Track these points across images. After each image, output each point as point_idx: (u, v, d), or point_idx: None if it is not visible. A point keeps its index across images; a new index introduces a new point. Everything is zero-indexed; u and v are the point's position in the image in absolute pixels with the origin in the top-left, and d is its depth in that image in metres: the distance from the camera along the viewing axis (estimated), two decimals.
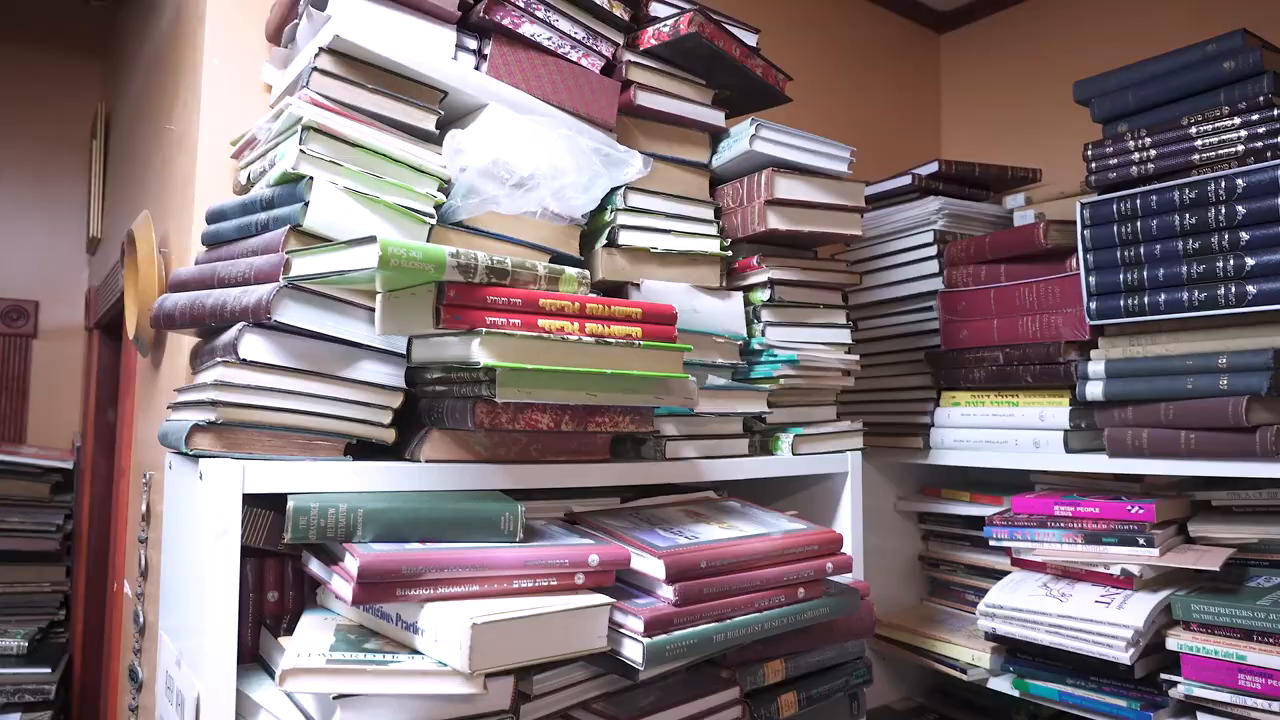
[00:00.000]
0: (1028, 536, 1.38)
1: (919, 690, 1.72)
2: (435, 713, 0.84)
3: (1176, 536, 1.31)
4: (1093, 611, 1.25)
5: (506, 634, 0.81)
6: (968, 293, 1.49)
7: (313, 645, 0.83)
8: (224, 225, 1.06)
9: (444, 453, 0.98)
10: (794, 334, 1.29)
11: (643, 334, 0.97)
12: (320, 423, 0.95)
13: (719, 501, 1.20)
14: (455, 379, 0.96)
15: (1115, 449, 1.29)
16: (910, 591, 1.71)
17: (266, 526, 0.95)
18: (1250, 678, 1.13)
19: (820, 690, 1.17)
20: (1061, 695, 1.32)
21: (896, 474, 1.70)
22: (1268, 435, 1.13)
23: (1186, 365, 1.21)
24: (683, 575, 0.94)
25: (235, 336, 0.91)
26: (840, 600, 1.08)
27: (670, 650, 0.91)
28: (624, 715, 0.96)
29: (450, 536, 0.89)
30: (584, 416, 1.00)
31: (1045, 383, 1.39)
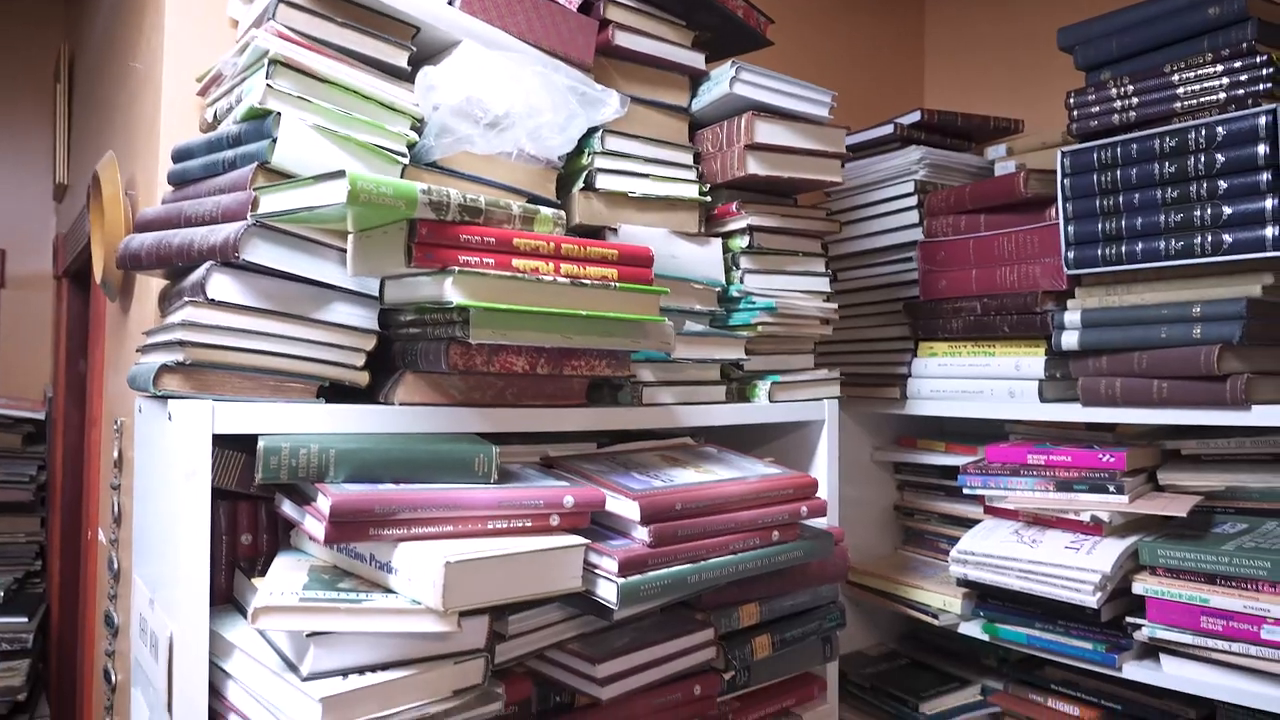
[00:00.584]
0: (1001, 485, 1.40)
1: (892, 636, 1.76)
2: (410, 651, 0.84)
3: (1146, 484, 1.33)
4: (1062, 557, 1.27)
5: (480, 573, 0.82)
6: (947, 243, 1.49)
7: (286, 584, 0.83)
8: (190, 164, 1.03)
9: (418, 396, 0.97)
10: (772, 281, 1.29)
11: (619, 276, 0.96)
12: (291, 364, 0.93)
13: (696, 447, 1.20)
14: (429, 320, 0.95)
15: (1089, 398, 1.30)
16: (885, 541, 1.73)
17: (238, 469, 0.94)
18: (1212, 620, 1.16)
19: (794, 633, 1.19)
20: (1030, 639, 1.34)
21: (873, 425, 1.71)
22: (1238, 384, 1.15)
23: (1161, 314, 1.22)
24: (657, 517, 0.94)
25: (203, 276, 0.89)
26: (814, 544, 1.09)
27: (644, 591, 0.91)
28: (599, 656, 0.96)
29: (424, 478, 0.88)
30: (559, 360, 0.99)
31: (1022, 333, 1.39)
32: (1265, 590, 1.12)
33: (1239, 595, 1.14)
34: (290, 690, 0.79)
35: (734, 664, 1.11)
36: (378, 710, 0.80)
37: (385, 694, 0.81)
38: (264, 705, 0.82)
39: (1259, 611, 1.12)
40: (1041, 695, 1.45)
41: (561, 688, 1.00)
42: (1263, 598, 1.12)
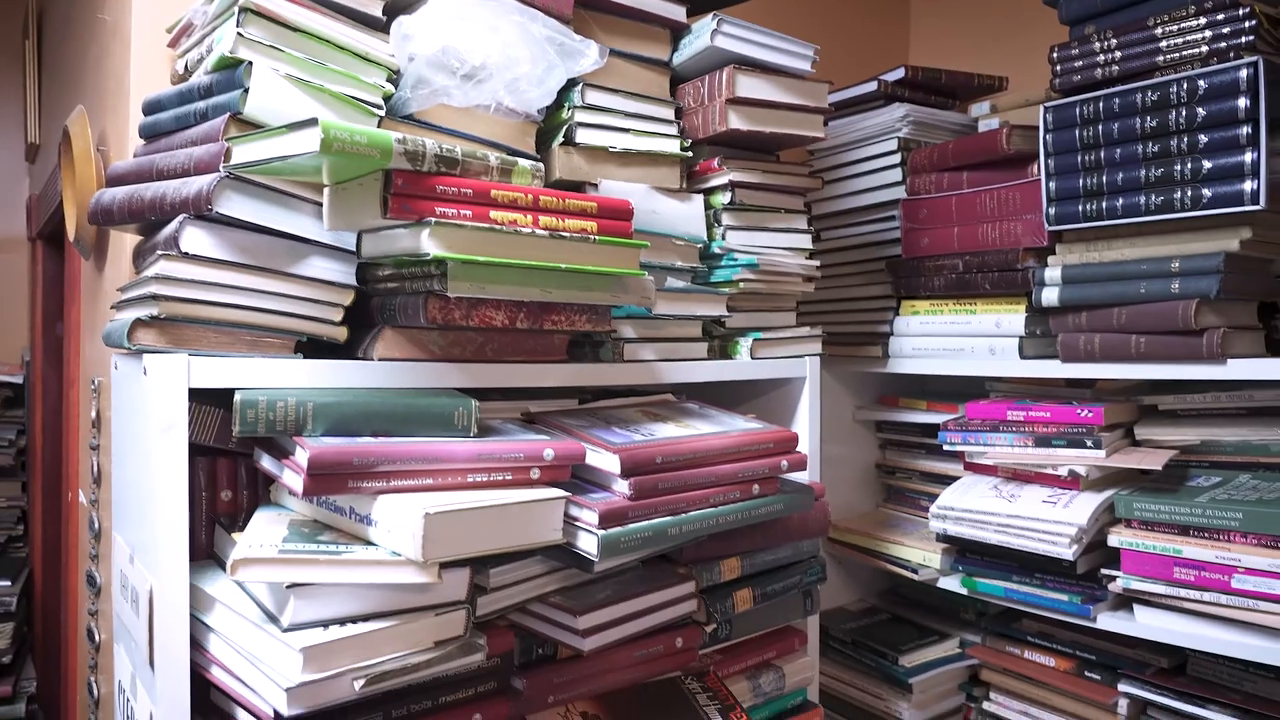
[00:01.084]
0: (980, 441, 1.41)
1: (872, 592, 1.78)
2: (391, 603, 0.84)
3: (1123, 439, 1.35)
4: (1040, 511, 1.29)
5: (459, 524, 0.82)
6: (929, 200, 1.48)
7: (265, 537, 0.83)
8: (161, 116, 1.01)
9: (397, 351, 0.96)
10: (754, 238, 1.28)
11: (598, 229, 0.96)
12: (268, 319, 0.92)
13: (677, 403, 1.20)
14: (407, 275, 0.94)
15: (1068, 354, 1.31)
16: (867, 499, 1.75)
17: (216, 424, 0.93)
18: (1184, 570, 1.18)
19: (775, 587, 1.20)
20: (1007, 592, 1.37)
21: (855, 384, 1.72)
22: (1214, 338, 1.15)
23: (1140, 270, 1.22)
24: (638, 470, 0.94)
25: (176, 229, 0.88)
26: (794, 497, 1.10)
27: (625, 542, 0.92)
28: (580, 608, 0.97)
29: (403, 431, 0.88)
30: (539, 314, 0.99)
31: (1003, 290, 1.40)
32: (1236, 540, 1.14)
33: (1211, 546, 1.16)
34: (271, 641, 0.80)
35: (715, 617, 1.12)
36: (359, 660, 0.81)
37: (366, 644, 0.81)
38: (245, 657, 0.82)
39: (1230, 561, 1.14)
40: (1018, 647, 1.48)
41: (544, 640, 1.01)
42: (1234, 548, 1.14)
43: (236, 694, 0.84)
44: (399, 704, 0.90)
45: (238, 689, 0.84)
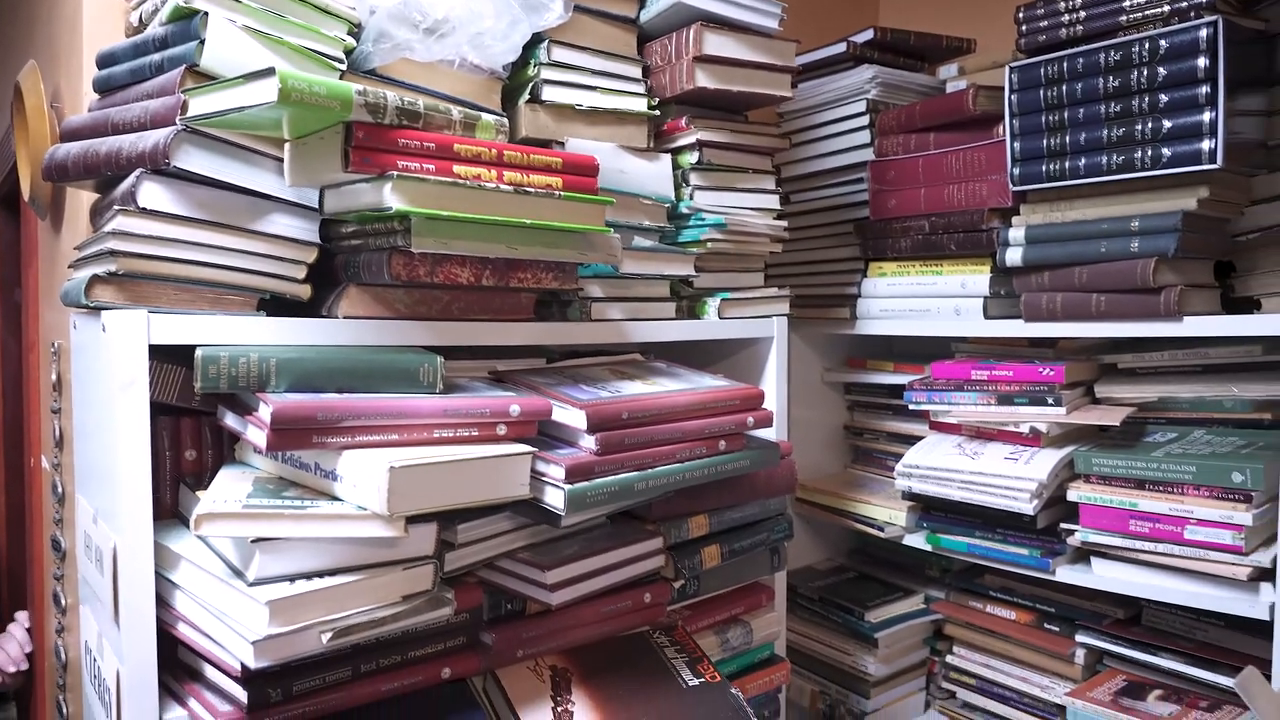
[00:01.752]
0: (945, 400, 1.43)
1: (840, 552, 1.81)
2: (357, 557, 0.84)
3: (1084, 397, 1.37)
4: (1002, 467, 1.31)
5: (425, 478, 0.82)
6: (897, 162, 1.49)
7: (229, 493, 0.82)
8: (116, 69, 0.99)
9: (362, 309, 0.96)
10: (722, 198, 1.28)
11: (563, 185, 0.95)
12: (230, 276, 0.92)
13: (645, 363, 1.21)
14: (370, 231, 0.93)
15: (1031, 313, 1.32)
16: (835, 460, 1.77)
17: (178, 382, 0.92)
18: (1140, 523, 1.21)
19: (742, 544, 1.21)
20: (970, 547, 1.39)
21: (824, 346, 1.73)
22: (1171, 296, 1.18)
23: (1101, 229, 1.24)
24: (604, 425, 0.95)
25: (133, 184, 0.86)
26: (760, 453, 1.11)
27: (591, 497, 0.93)
28: (548, 563, 0.98)
29: (368, 387, 0.88)
30: (505, 271, 0.98)
31: (968, 251, 1.41)
32: (1190, 493, 1.17)
33: (1165, 499, 1.19)
34: (237, 596, 0.80)
35: (684, 573, 1.14)
36: (326, 614, 0.81)
37: (333, 598, 0.82)
38: (211, 612, 0.82)
39: (1183, 513, 1.17)
40: (980, 602, 1.51)
41: (512, 595, 1.01)
42: (1187, 500, 1.17)
43: (204, 650, 0.85)
44: (368, 658, 0.90)
45: (205, 645, 0.84)
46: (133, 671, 0.83)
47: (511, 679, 1.01)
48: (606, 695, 1.01)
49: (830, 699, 1.57)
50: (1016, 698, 1.45)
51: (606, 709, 0.99)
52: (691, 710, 1.01)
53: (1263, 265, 1.23)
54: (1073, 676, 1.38)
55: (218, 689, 0.86)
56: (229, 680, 0.84)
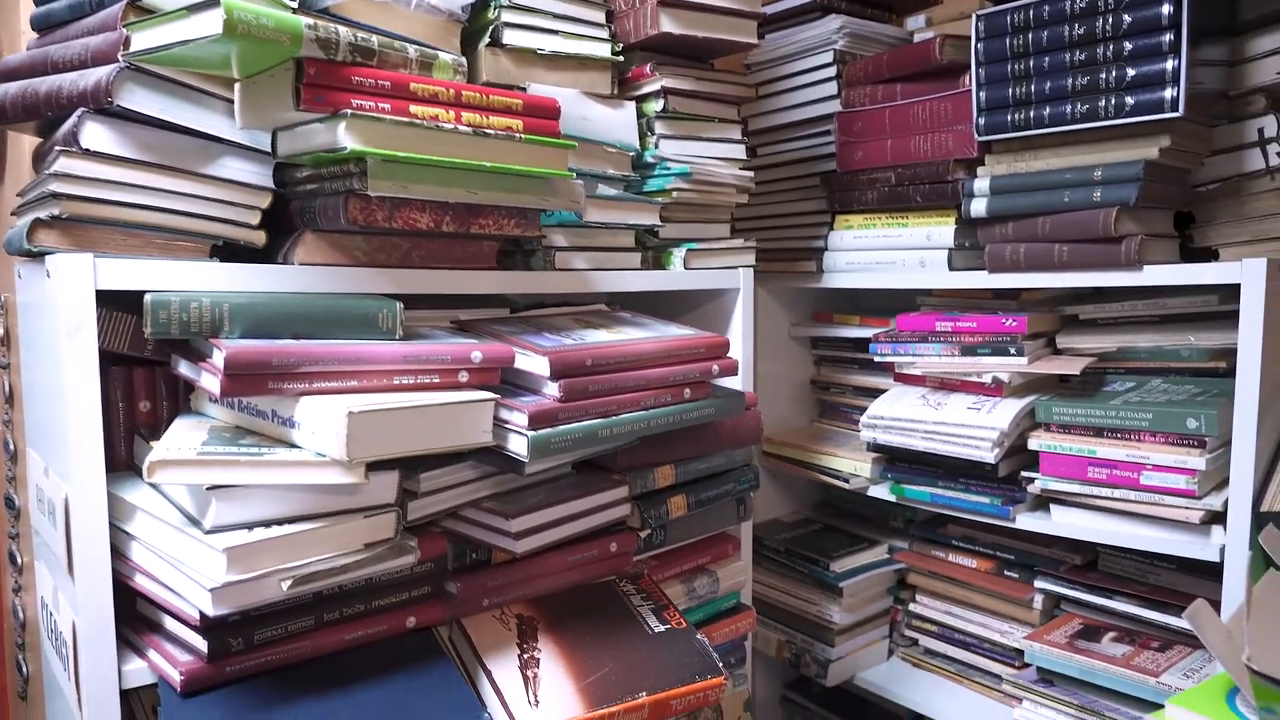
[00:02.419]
0: (909, 351, 1.44)
1: (807, 505, 1.83)
2: (317, 505, 0.83)
3: (1046, 348, 1.39)
4: (964, 417, 1.33)
5: (385, 424, 0.81)
6: (864, 113, 1.48)
7: (184, 441, 0.81)
8: (55, 5, 0.95)
9: (319, 256, 0.94)
10: (688, 148, 1.27)
11: (524, 128, 0.93)
12: (180, 221, 0.89)
13: (610, 313, 1.20)
14: (326, 174, 0.91)
15: (994, 265, 1.33)
16: (802, 415, 1.78)
17: (129, 330, 0.90)
18: (1098, 469, 1.23)
19: (708, 494, 1.22)
20: (933, 497, 1.41)
21: (790, 301, 1.73)
22: (1132, 245, 1.19)
23: (1064, 179, 1.24)
24: (567, 372, 0.94)
25: (75, 124, 0.83)
26: (726, 402, 1.11)
27: (555, 443, 0.92)
28: (513, 511, 0.98)
29: (325, 334, 0.86)
30: (466, 217, 0.97)
31: (934, 202, 1.41)
32: (1146, 440, 1.19)
33: (1123, 446, 1.21)
34: (194, 544, 0.79)
35: (650, 522, 1.14)
36: (286, 561, 0.80)
37: (293, 546, 0.81)
38: (168, 561, 0.81)
39: (1140, 459, 1.19)
40: (943, 551, 1.54)
41: (477, 544, 1.01)
42: (1144, 447, 1.19)
43: (162, 600, 0.83)
44: (331, 607, 0.90)
45: (163, 595, 0.83)
46: (88, 623, 0.81)
47: (477, 628, 1.01)
48: (573, 642, 1.01)
49: (796, 648, 1.60)
50: (976, 643, 1.48)
51: (573, 655, 0.99)
52: (658, 655, 1.01)
53: (1221, 216, 1.25)
54: (1031, 621, 1.41)
55: (178, 640, 0.86)
56: (189, 630, 0.83)
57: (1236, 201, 1.23)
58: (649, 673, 0.98)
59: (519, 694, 0.93)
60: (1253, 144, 1.22)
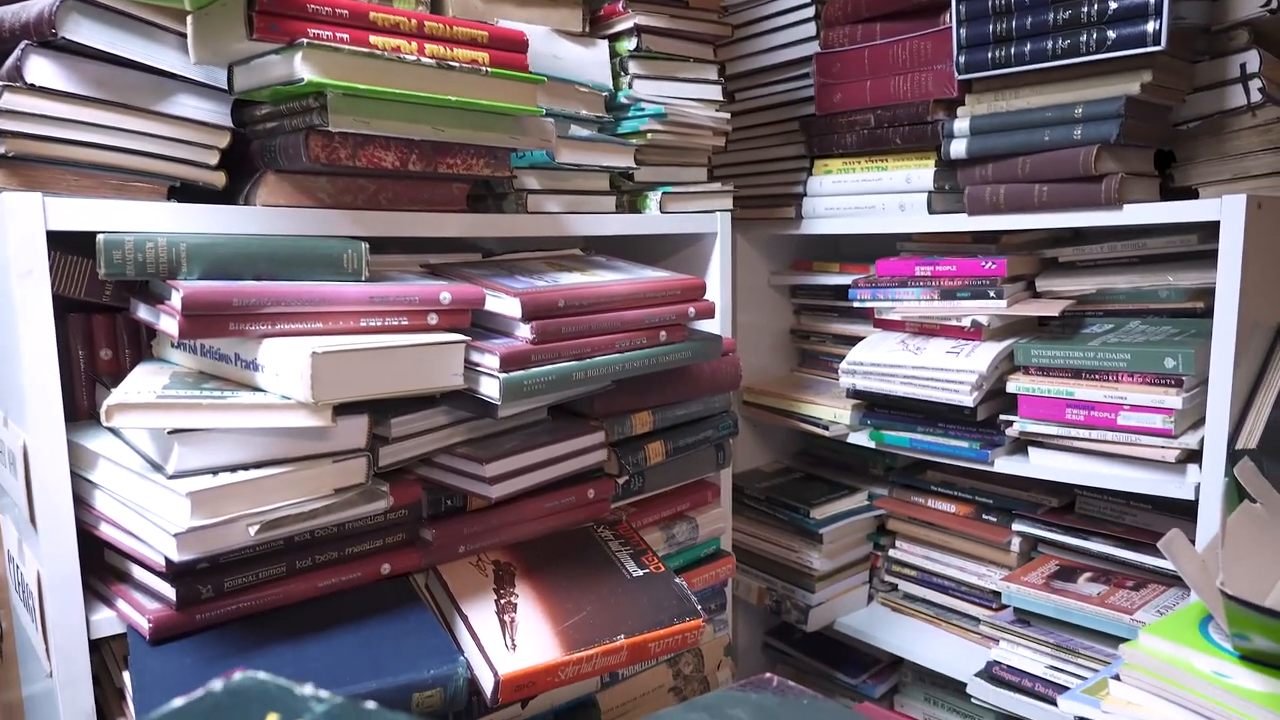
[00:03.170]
0: (889, 296, 1.43)
1: (787, 454, 1.83)
2: (285, 450, 0.82)
3: (1025, 291, 1.38)
4: (943, 361, 1.32)
5: (351, 366, 0.79)
6: (842, 53, 1.45)
7: (144, 385, 0.79)
8: None
9: (282, 198, 0.91)
10: (662, 88, 1.24)
11: (490, 61, 0.90)
12: (134, 161, 0.86)
13: (584, 257, 1.18)
14: (286, 111, 0.88)
15: (974, 207, 1.32)
16: (782, 364, 1.77)
17: (85, 276, 0.88)
18: (1076, 411, 1.23)
19: (687, 440, 1.21)
20: (912, 442, 1.41)
21: (770, 249, 1.71)
22: (1112, 184, 1.17)
23: (1045, 117, 1.22)
24: (539, 314, 0.93)
25: (18, 58, 0.80)
26: (702, 345, 1.10)
27: (528, 386, 0.91)
28: (487, 456, 0.96)
29: (288, 275, 0.84)
30: (433, 156, 0.94)
31: (913, 144, 1.39)
32: (1124, 380, 1.19)
33: (1101, 386, 1.20)
34: (158, 490, 0.77)
35: (627, 469, 1.13)
36: (253, 506, 0.79)
37: (260, 490, 0.79)
38: (133, 509, 0.79)
39: (1117, 400, 1.19)
40: (922, 496, 1.54)
41: (451, 490, 1.00)
42: (1121, 387, 1.19)
43: (128, 548, 0.82)
44: (303, 555, 0.89)
45: (129, 543, 0.81)
46: (53, 572, 0.80)
47: (454, 574, 1.00)
48: (550, 587, 1.01)
49: (777, 595, 1.60)
50: (955, 586, 1.50)
51: (550, 600, 0.99)
52: (636, 599, 1.01)
53: (1202, 154, 1.23)
54: (1008, 564, 1.42)
55: (147, 589, 0.84)
56: (157, 579, 0.82)
57: (1217, 139, 1.22)
58: (627, 616, 0.98)
59: (496, 638, 0.92)
60: (1234, 80, 1.20)
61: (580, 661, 0.92)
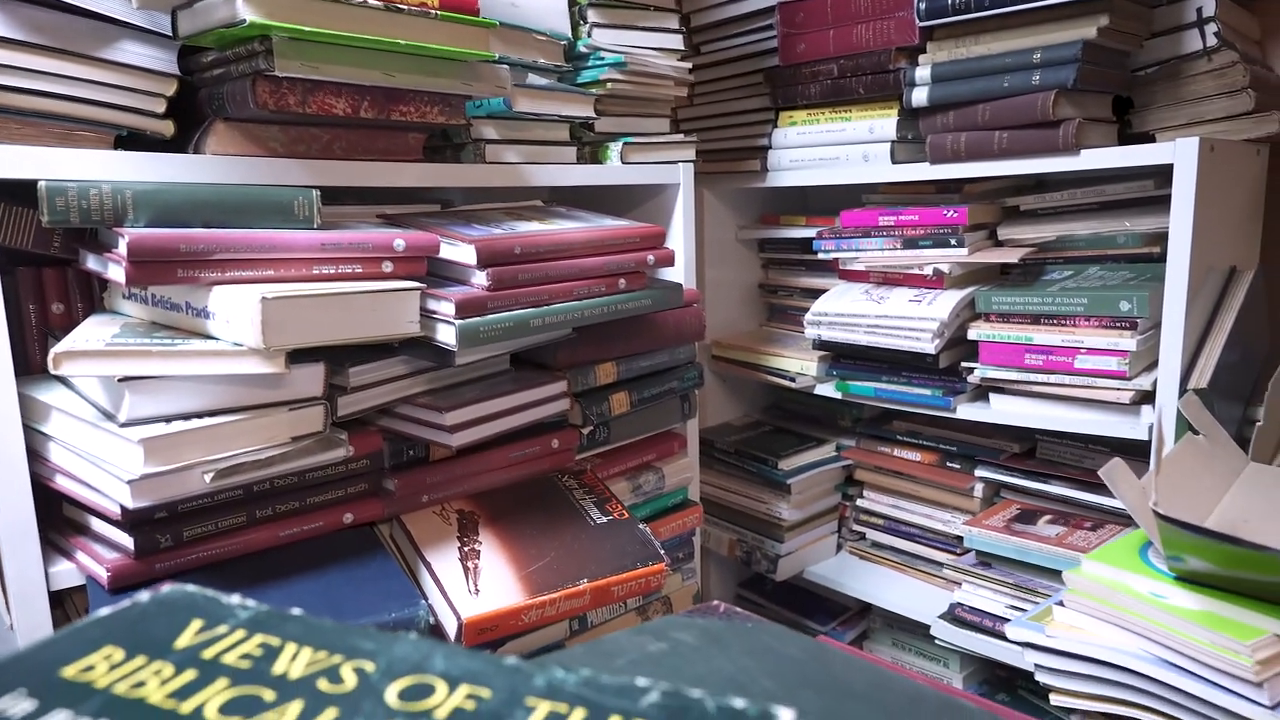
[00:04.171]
0: (853, 247, 1.43)
1: (757, 408, 1.84)
2: (239, 398, 0.82)
3: (987, 240, 1.39)
4: (905, 310, 1.33)
5: (303, 311, 0.79)
6: (805, 2, 1.44)
7: (94, 334, 0.78)
8: None
9: (233, 147, 0.90)
10: (623, 37, 1.23)
11: (440, 3, 0.89)
12: (78, 109, 0.84)
13: (545, 208, 1.17)
14: (233, 57, 0.86)
15: (936, 155, 1.32)
16: (751, 319, 1.78)
17: (32, 226, 0.86)
18: (1034, 356, 1.24)
19: (652, 392, 1.22)
20: (877, 391, 1.43)
21: (738, 204, 1.71)
22: (1070, 129, 1.18)
23: (1004, 63, 1.23)
24: (495, 260, 0.92)
25: None
26: (663, 293, 1.10)
27: (484, 332, 0.91)
28: (447, 405, 0.97)
29: (238, 223, 0.83)
30: (385, 103, 0.93)
31: (876, 93, 1.39)
32: (1081, 324, 1.20)
33: (1059, 331, 1.22)
34: (110, 438, 0.77)
35: (591, 419, 1.14)
36: (209, 454, 0.79)
37: (215, 438, 0.79)
38: (87, 458, 0.79)
39: (1074, 344, 1.21)
40: (888, 446, 1.56)
41: (413, 440, 1.00)
42: (1078, 331, 1.20)
43: (85, 499, 0.82)
44: (264, 504, 0.89)
45: (85, 494, 0.81)
46: (9, 524, 0.80)
47: (417, 523, 1.00)
48: (514, 534, 1.02)
49: (747, 546, 1.63)
50: (920, 533, 1.52)
51: (514, 547, 1.00)
52: (599, 544, 1.02)
53: (1159, 100, 1.24)
54: (972, 510, 1.45)
55: (105, 540, 0.84)
56: (115, 529, 0.82)
57: (1174, 85, 1.23)
58: (590, 561, 0.99)
59: (459, 584, 0.93)
60: (1191, 24, 1.21)
61: (543, 605, 0.93)
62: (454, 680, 0.29)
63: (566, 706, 0.28)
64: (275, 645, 0.32)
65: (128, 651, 0.31)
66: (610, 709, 0.27)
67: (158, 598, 0.35)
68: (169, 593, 0.36)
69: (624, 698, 0.28)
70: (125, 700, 0.28)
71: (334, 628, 0.33)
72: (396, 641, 0.32)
